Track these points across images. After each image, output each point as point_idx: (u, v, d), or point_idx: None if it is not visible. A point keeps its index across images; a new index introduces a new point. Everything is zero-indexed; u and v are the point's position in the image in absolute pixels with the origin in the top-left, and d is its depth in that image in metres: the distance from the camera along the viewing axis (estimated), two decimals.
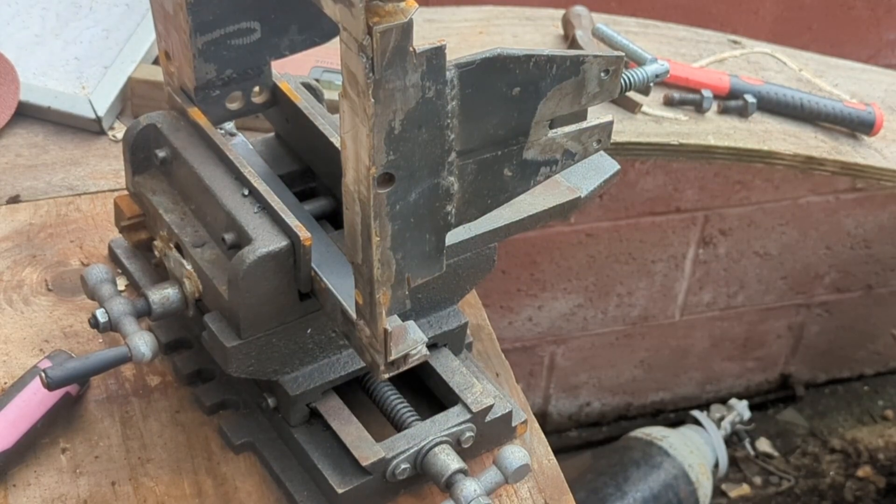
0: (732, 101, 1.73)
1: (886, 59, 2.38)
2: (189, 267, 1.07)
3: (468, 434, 1.09)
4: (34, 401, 1.08)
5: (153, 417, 1.14)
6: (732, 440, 2.68)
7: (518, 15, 1.85)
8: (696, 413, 2.59)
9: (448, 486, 1.05)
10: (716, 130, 1.69)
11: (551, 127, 0.91)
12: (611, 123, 0.94)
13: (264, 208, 1.03)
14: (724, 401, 2.73)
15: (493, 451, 1.14)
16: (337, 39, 0.80)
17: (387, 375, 0.97)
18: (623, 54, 0.91)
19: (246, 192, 1.05)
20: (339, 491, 1.05)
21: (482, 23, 1.81)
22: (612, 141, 0.95)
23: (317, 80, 1.23)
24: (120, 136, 1.42)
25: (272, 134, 1.19)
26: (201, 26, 1.05)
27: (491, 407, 1.11)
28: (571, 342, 2.59)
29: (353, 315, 0.97)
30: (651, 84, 0.99)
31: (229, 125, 1.16)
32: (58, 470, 1.09)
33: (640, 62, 0.99)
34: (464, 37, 1.75)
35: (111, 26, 1.54)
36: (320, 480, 1.07)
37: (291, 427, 1.09)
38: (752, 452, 2.70)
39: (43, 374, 1.03)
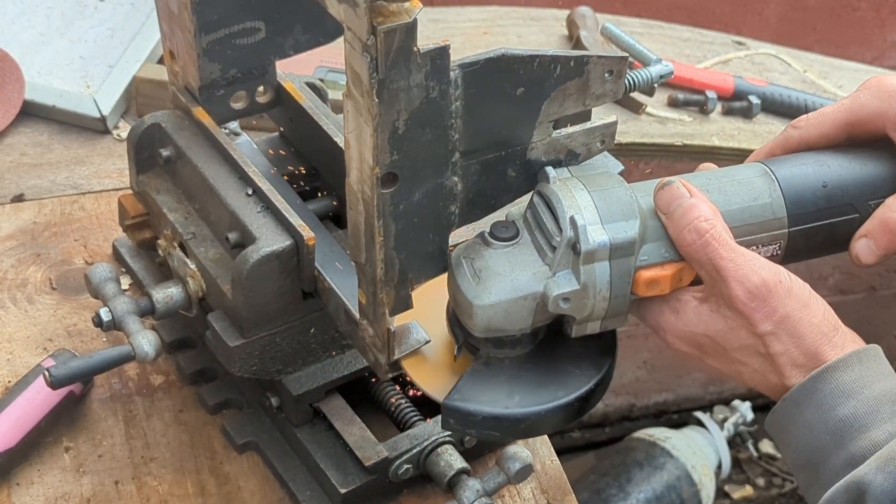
0: (736, 102, 1.73)
1: (891, 60, 2.37)
2: (193, 266, 1.07)
3: None
4: (38, 399, 1.08)
5: (156, 416, 1.14)
6: (735, 441, 2.68)
7: (522, 15, 1.85)
8: (699, 414, 2.59)
9: (451, 487, 1.05)
10: (720, 131, 1.69)
11: (555, 127, 0.90)
12: (615, 124, 0.94)
13: (268, 208, 1.04)
14: (727, 402, 2.72)
15: (496, 451, 1.14)
16: (341, 39, 0.80)
17: (390, 375, 0.97)
18: (627, 55, 0.91)
19: (250, 192, 1.05)
20: (342, 491, 1.05)
21: (486, 23, 1.81)
22: (615, 141, 0.95)
23: (321, 80, 1.23)
24: (124, 135, 1.42)
25: (276, 133, 1.19)
26: (206, 25, 1.05)
27: None
28: None
29: (356, 315, 0.97)
30: (655, 85, 0.99)
31: (233, 125, 1.16)
32: (61, 468, 1.09)
33: (644, 62, 0.99)
34: (468, 37, 1.75)
35: (116, 25, 1.54)
36: (323, 480, 1.07)
37: (294, 427, 1.09)
38: (755, 454, 2.69)
39: (46, 373, 1.03)
